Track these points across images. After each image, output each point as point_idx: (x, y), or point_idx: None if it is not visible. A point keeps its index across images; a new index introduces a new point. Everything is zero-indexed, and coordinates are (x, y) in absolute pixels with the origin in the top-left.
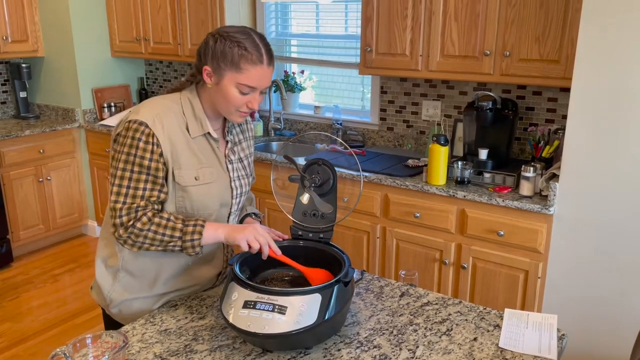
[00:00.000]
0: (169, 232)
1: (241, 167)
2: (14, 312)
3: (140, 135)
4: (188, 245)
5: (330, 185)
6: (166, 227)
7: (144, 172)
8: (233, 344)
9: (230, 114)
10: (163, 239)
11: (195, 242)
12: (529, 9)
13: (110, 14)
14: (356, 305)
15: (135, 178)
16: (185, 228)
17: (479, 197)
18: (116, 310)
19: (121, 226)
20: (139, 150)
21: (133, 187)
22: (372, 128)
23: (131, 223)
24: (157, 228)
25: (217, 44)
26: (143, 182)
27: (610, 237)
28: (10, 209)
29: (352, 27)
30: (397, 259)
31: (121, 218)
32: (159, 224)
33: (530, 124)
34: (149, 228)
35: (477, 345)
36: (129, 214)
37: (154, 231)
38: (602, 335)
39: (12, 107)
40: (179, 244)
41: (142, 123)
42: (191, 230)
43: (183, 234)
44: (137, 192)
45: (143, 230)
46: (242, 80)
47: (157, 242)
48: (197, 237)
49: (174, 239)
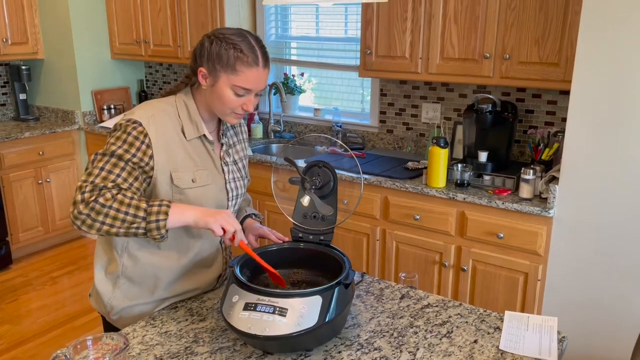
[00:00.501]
0: (133, 210)
1: (236, 169)
2: (13, 314)
3: (131, 131)
4: (153, 227)
5: (330, 187)
6: (130, 205)
7: (122, 161)
8: (233, 346)
9: (225, 115)
10: (126, 219)
11: (161, 222)
12: (529, 11)
13: (110, 16)
14: (356, 308)
15: (113, 163)
16: (149, 208)
17: (478, 200)
18: (117, 317)
19: (82, 202)
20: (125, 144)
21: (107, 170)
22: (372, 130)
23: (93, 199)
24: (119, 206)
25: (213, 45)
26: (119, 169)
27: (610, 239)
28: (9, 211)
29: (351, 30)
30: (397, 261)
31: (83, 194)
32: (122, 202)
33: (529, 126)
34: (110, 205)
35: (478, 347)
36: (93, 190)
37: (116, 209)
38: (602, 338)
39: (12, 109)
40: (142, 226)
41: (136, 122)
42: (156, 210)
43: (147, 214)
44: (109, 176)
45: (105, 207)
46: (237, 82)
47: (118, 223)
48: (163, 218)
49: (138, 219)
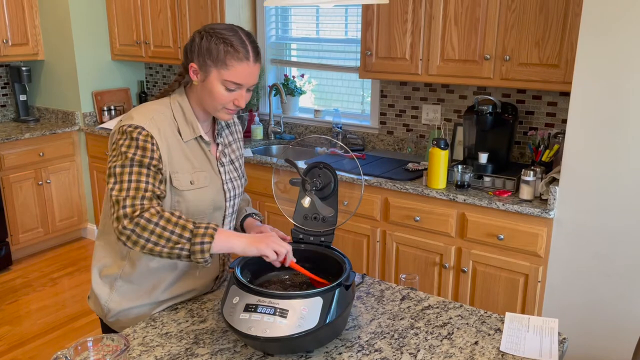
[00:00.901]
0: (179, 230)
1: (233, 169)
2: (12, 315)
3: (138, 135)
4: (197, 250)
5: (331, 188)
6: (176, 224)
7: (145, 166)
8: (234, 348)
9: (216, 111)
10: (171, 238)
11: (205, 245)
12: (529, 13)
13: (111, 17)
14: (357, 309)
15: (137, 171)
16: (196, 229)
17: (479, 201)
18: (114, 319)
19: (125, 217)
20: (138, 150)
21: (135, 180)
22: (372, 132)
23: (137, 214)
24: (166, 224)
25: (203, 40)
26: (145, 176)
27: (610, 240)
28: (9, 212)
29: (352, 31)
30: (397, 262)
31: (125, 209)
32: (169, 220)
33: (530, 128)
34: (157, 222)
35: (478, 349)
36: (134, 205)
37: (162, 227)
38: (602, 339)
39: (12, 110)
40: (187, 247)
41: (138, 127)
42: (202, 233)
43: (193, 236)
44: (140, 185)
45: (151, 222)
46: (227, 77)
47: (163, 241)
48: (208, 241)
49: (183, 239)
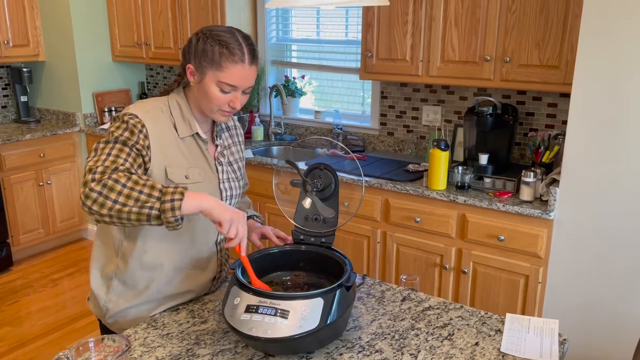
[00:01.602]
0: (147, 190)
1: (231, 170)
2: (13, 316)
3: (129, 120)
4: (167, 207)
5: (331, 189)
6: (144, 185)
7: (127, 147)
8: (235, 348)
9: (212, 112)
10: (140, 197)
11: (176, 203)
12: (529, 14)
13: (112, 18)
14: (358, 310)
15: (118, 148)
16: (165, 189)
17: (479, 202)
18: (112, 320)
19: (93, 181)
20: (126, 132)
21: (114, 154)
22: (373, 133)
23: (107, 176)
24: (133, 185)
25: (200, 42)
26: (125, 154)
27: (610, 242)
28: (10, 213)
29: (352, 33)
30: (398, 263)
31: (94, 174)
32: (137, 181)
33: (530, 129)
34: (124, 183)
35: (479, 350)
36: (105, 171)
37: (130, 187)
38: (603, 340)
39: (13, 111)
40: (156, 206)
41: (132, 115)
42: (172, 191)
43: (162, 194)
44: (118, 160)
45: (118, 183)
46: (223, 79)
47: (131, 201)
48: (179, 198)
49: (152, 198)
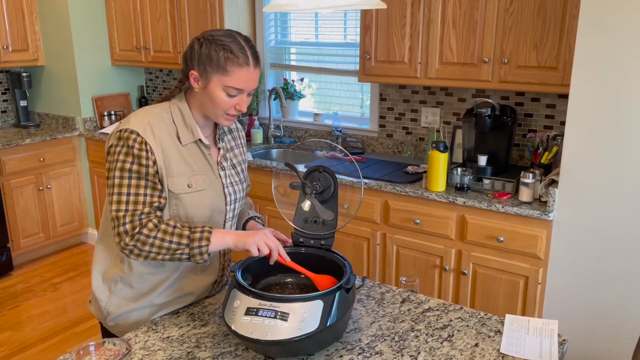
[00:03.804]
0: (176, 239)
1: (234, 173)
2: (14, 320)
3: (133, 143)
4: (196, 253)
5: (331, 192)
6: (173, 234)
7: (142, 178)
8: (235, 351)
9: (218, 117)
10: (170, 247)
11: (203, 248)
12: (527, 16)
13: (111, 22)
14: (357, 312)
15: (135, 184)
16: (192, 235)
17: (478, 204)
18: (113, 323)
19: (126, 234)
20: (135, 158)
21: (134, 193)
22: (372, 135)
23: (137, 230)
24: (164, 235)
25: (203, 47)
26: (143, 188)
27: (609, 242)
28: (10, 217)
29: (351, 35)
30: (398, 265)
31: (125, 226)
32: (166, 231)
33: (529, 130)
34: (155, 235)
35: (479, 351)
36: (133, 221)
37: (160, 238)
38: (602, 341)
39: (13, 116)
40: (186, 252)
41: (134, 132)
42: (198, 237)
43: (190, 241)
44: (139, 199)
45: (150, 238)
46: (228, 83)
47: (164, 250)
48: (205, 244)
49: (182, 246)
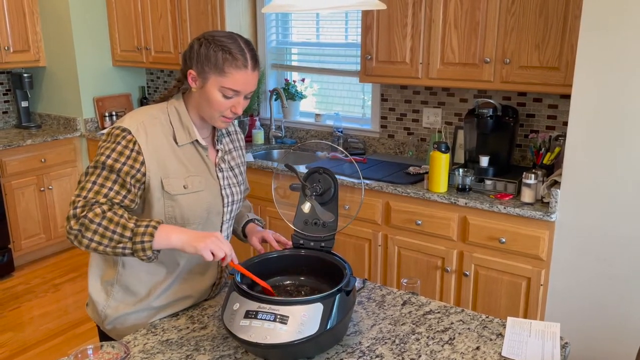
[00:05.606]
0: (120, 230)
1: (232, 176)
2: (15, 321)
3: (121, 140)
4: (138, 248)
5: (331, 193)
6: (118, 224)
7: (114, 172)
8: (235, 354)
9: (213, 118)
10: (113, 237)
11: (146, 244)
12: (529, 16)
13: (112, 23)
14: (358, 314)
15: (104, 176)
16: (136, 228)
17: (480, 204)
18: (111, 327)
19: (74, 217)
20: (115, 153)
21: (99, 184)
22: (373, 135)
23: (84, 214)
24: (108, 224)
25: (202, 47)
26: (111, 182)
27: (612, 243)
28: (11, 218)
29: (352, 35)
30: (399, 266)
31: (75, 210)
32: (111, 220)
33: (531, 130)
34: (99, 222)
35: (480, 354)
36: (85, 206)
37: (104, 227)
38: (605, 343)
39: (14, 117)
40: (129, 246)
41: (125, 130)
42: (142, 232)
43: (134, 235)
44: (102, 190)
45: (93, 223)
46: (225, 84)
47: (106, 241)
48: (148, 239)
49: (124, 239)
